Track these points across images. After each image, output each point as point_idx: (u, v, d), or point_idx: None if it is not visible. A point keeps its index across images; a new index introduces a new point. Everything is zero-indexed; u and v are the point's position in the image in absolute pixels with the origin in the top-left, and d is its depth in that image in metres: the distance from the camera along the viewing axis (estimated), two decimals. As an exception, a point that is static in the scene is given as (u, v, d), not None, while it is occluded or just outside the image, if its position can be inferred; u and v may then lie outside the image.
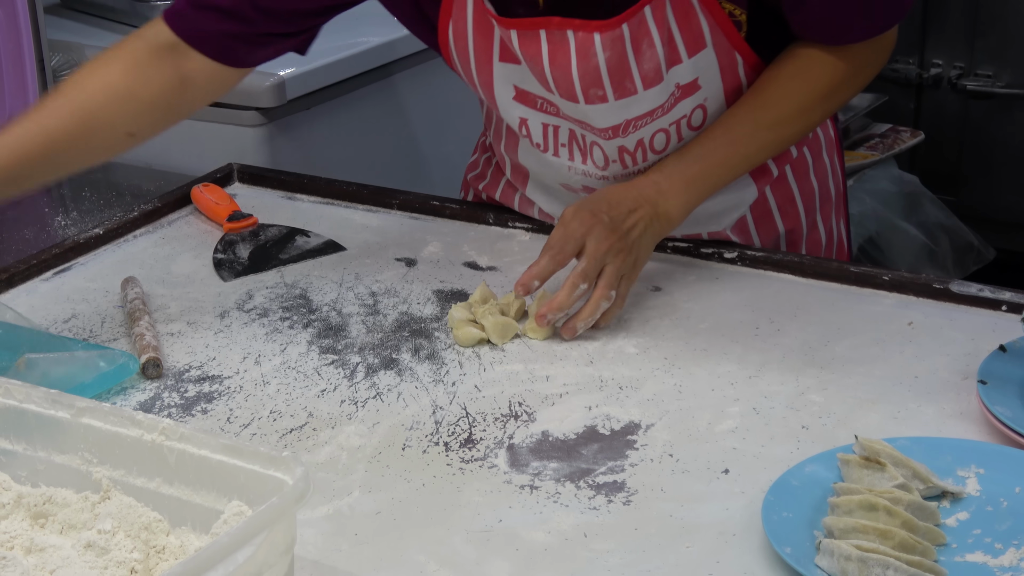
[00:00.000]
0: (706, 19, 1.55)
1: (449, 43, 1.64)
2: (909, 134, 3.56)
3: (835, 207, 1.83)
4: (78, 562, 1.05)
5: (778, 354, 1.51)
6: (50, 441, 1.16)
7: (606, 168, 1.67)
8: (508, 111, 1.67)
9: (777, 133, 1.62)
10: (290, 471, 1.05)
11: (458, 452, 1.35)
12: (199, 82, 1.68)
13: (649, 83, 1.57)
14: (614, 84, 1.56)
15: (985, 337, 1.50)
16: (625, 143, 1.63)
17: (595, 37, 1.53)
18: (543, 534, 1.23)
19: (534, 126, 1.67)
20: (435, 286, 1.69)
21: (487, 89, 1.66)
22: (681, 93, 1.60)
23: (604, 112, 1.59)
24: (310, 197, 1.97)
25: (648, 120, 1.60)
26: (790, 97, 1.60)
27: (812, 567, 1.13)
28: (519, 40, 1.56)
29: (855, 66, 1.61)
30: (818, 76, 1.60)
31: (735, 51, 1.59)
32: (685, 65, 1.57)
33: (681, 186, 1.59)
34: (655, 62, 1.55)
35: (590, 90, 1.57)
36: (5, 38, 2.16)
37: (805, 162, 1.77)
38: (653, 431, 1.38)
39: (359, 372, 1.51)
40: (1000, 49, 3.67)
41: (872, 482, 1.22)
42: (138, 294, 1.65)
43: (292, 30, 1.70)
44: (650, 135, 1.62)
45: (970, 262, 3.48)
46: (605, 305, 1.53)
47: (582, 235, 1.54)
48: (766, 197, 1.74)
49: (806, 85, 1.60)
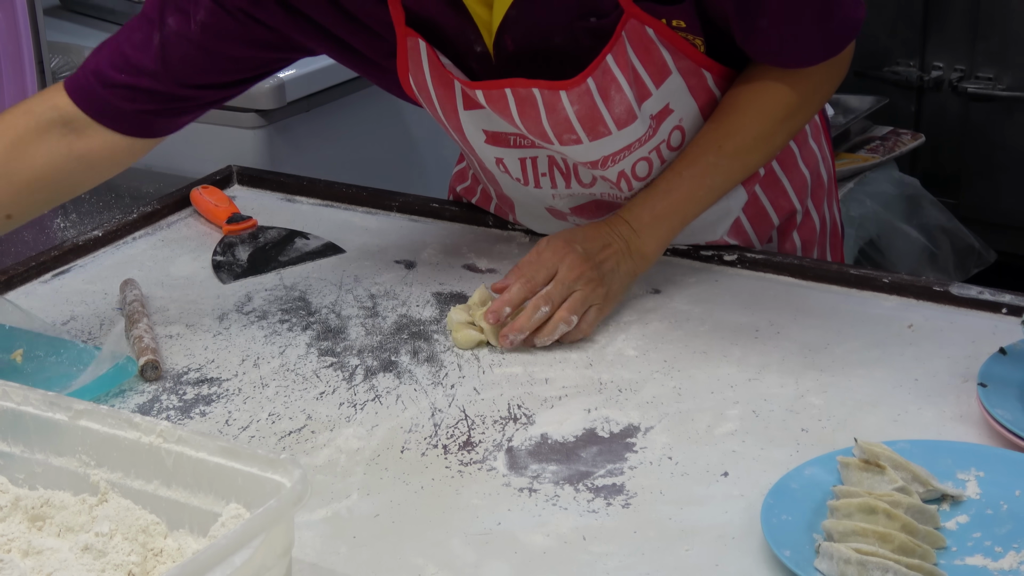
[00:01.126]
0: (666, 48, 1.53)
1: (413, 90, 1.62)
2: (910, 137, 3.55)
3: (827, 192, 1.82)
4: (75, 565, 1.05)
5: (778, 356, 1.51)
6: (48, 443, 1.16)
7: (593, 186, 1.66)
8: (483, 152, 1.65)
9: (741, 160, 1.61)
10: (288, 474, 1.05)
11: (457, 455, 1.35)
12: (101, 157, 1.61)
13: (622, 123, 1.55)
14: (587, 130, 1.55)
15: (985, 340, 1.50)
16: (607, 174, 1.62)
17: (561, 95, 1.52)
18: (542, 537, 1.23)
19: (511, 163, 1.65)
20: (434, 288, 1.69)
21: (458, 133, 1.64)
22: (656, 122, 1.58)
23: (581, 151, 1.58)
24: (309, 199, 1.97)
25: (627, 153, 1.59)
26: (750, 124, 1.59)
27: (811, 570, 1.13)
28: (485, 98, 1.55)
29: (811, 86, 1.60)
30: (775, 101, 1.59)
31: (700, 69, 1.57)
32: (654, 96, 1.56)
33: (651, 222, 1.59)
34: (626, 104, 1.54)
35: (563, 135, 1.55)
36: (5, 40, 2.16)
37: (792, 154, 1.76)
38: (652, 434, 1.38)
39: (358, 374, 1.50)
40: (1001, 52, 3.67)
41: (872, 485, 1.22)
42: (137, 296, 1.64)
43: (219, 97, 1.66)
44: (631, 165, 1.61)
45: (971, 265, 3.48)
46: (563, 328, 1.53)
47: (554, 263, 1.54)
48: (757, 196, 1.74)
49: (764, 111, 1.59)
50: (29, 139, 1.57)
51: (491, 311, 1.53)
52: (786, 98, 1.59)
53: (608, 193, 1.66)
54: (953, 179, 3.77)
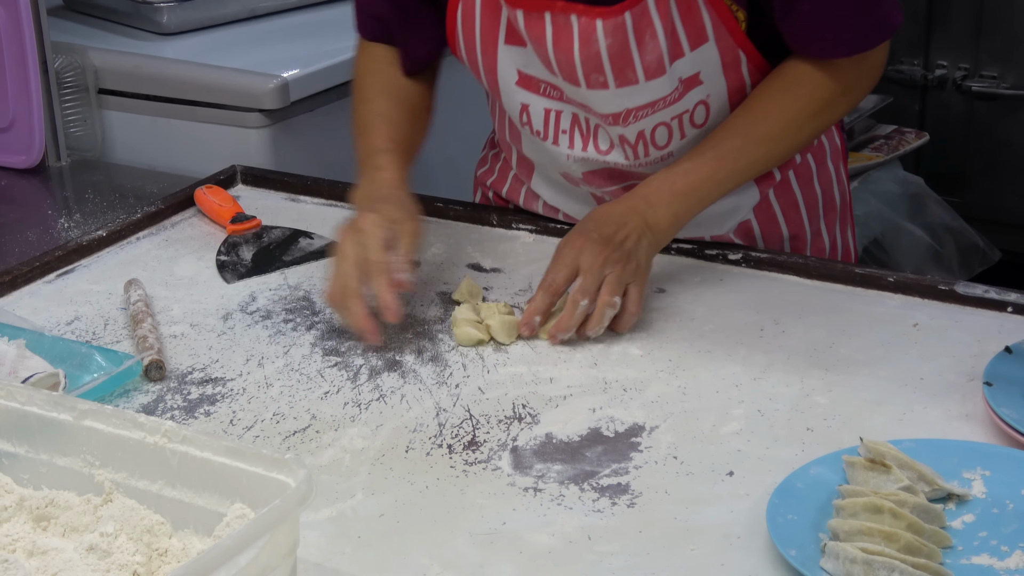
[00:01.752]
0: (708, 13, 1.55)
1: (456, 26, 1.65)
2: (914, 135, 3.55)
3: (840, 216, 1.83)
4: (80, 565, 1.05)
5: (783, 356, 1.50)
6: (52, 444, 1.16)
7: (609, 153, 1.67)
8: (510, 97, 1.67)
9: (766, 149, 1.62)
10: (293, 474, 1.05)
11: (461, 454, 1.35)
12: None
13: (651, 74, 1.57)
14: (615, 71, 1.57)
15: (991, 338, 1.50)
16: (626, 133, 1.63)
17: (597, 23, 1.54)
18: (547, 536, 1.23)
19: (535, 112, 1.67)
20: (439, 288, 1.69)
21: (491, 74, 1.66)
22: (684, 87, 1.60)
23: (606, 98, 1.60)
24: (313, 199, 1.97)
25: (649, 111, 1.61)
26: (779, 113, 1.60)
27: (817, 570, 1.12)
28: (524, 20, 1.58)
29: (843, 85, 1.61)
30: (807, 93, 1.60)
31: (738, 48, 1.59)
32: (687, 58, 1.58)
33: (669, 198, 1.59)
34: (657, 53, 1.55)
35: (591, 75, 1.58)
36: (8, 40, 2.16)
37: (809, 168, 1.77)
38: (657, 433, 1.37)
39: (362, 374, 1.50)
40: (1005, 50, 3.66)
41: (877, 484, 1.22)
42: (141, 296, 1.64)
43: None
44: (651, 127, 1.62)
45: (975, 263, 3.47)
46: (610, 312, 1.53)
47: (574, 258, 1.54)
48: (769, 201, 1.74)
49: (795, 102, 1.60)
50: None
51: (524, 324, 1.54)
52: (818, 92, 1.60)
53: (621, 164, 1.66)
54: (957, 178, 3.76)
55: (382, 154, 1.68)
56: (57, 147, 2.23)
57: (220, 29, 2.48)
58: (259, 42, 2.44)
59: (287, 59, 2.33)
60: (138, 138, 2.31)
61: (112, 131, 2.33)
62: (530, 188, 1.82)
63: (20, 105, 2.18)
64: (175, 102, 2.28)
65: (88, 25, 2.50)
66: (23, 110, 2.18)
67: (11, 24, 2.15)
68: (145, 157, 2.30)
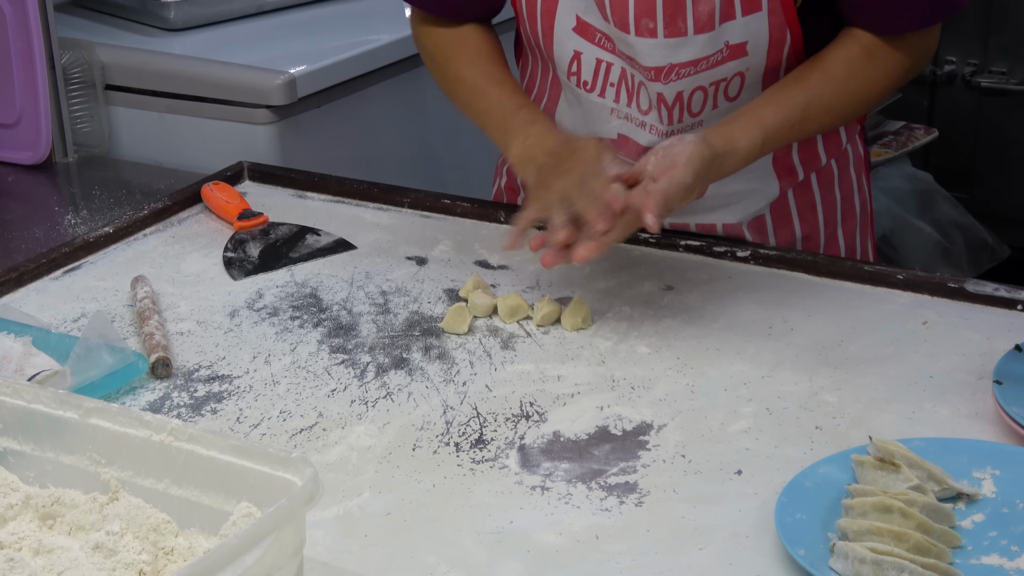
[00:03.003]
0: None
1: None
2: (923, 131, 3.54)
3: (860, 224, 1.82)
4: (86, 564, 1.05)
5: (791, 354, 1.50)
6: (58, 442, 1.15)
7: (647, 113, 1.67)
8: (563, 44, 1.67)
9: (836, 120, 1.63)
10: (300, 472, 1.04)
11: (469, 453, 1.35)
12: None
13: (700, 28, 1.58)
14: (666, 18, 1.57)
15: (1001, 336, 1.49)
16: (665, 91, 1.63)
17: None
18: (554, 535, 1.22)
19: (587, 60, 1.67)
20: (446, 285, 1.69)
21: (548, 18, 1.67)
22: (729, 53, 1.60)
23: (652, 48, 1.60)
24: (321, 195, 1.97)
25: (692, 70, 1.61)
26: (865, 82, 1.60)
27: (826, 570, 1.12)
28: None
29: (912, 61, 1.62)
30: (884, 66, 1.60)
31: (787, 27, 1.59)
32: (738, 23, 1.58)
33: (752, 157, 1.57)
34: (710, 7, 1.56)
35: (642, 20, 1.58)
36: (15, 36, 2.15)
37: (831, 172, 1.77)
38: (665, 431, 1.37)
39: (369, 372, 1.50)
40: (1014, 46, 3.65)
41: (887, 484, 1.21)
42: (148, 293, 1.64)
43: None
44: (690, 90, 1.63)
45: (984, 260, 3.46)
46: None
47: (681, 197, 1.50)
48: (787, 199, 1.74)
49: (875, 72, 1.61)
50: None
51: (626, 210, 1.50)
52: (892, 65, 1.60)
53: (656, 127, 1.66)
54: (966, 174, 3.75)
55: (523, 109, 1.66)
56: (64, 143, 2.23)
57: (227, 25, 2.47)
58: (266, 38, 2.44)
59: (294, 55, 2.32)
60: (145, 134, 2.31)
61: (119, 127, 2.33)
62: None
63: (27, 101, 2.18)
64: (182, 98, 2.28)
65: (95, 21, 2.50)
66: (30, 106, 2.18)
67: (18, 20, 2.14)
68: (152, 153, 2.29)
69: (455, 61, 1.75)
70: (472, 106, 1.72)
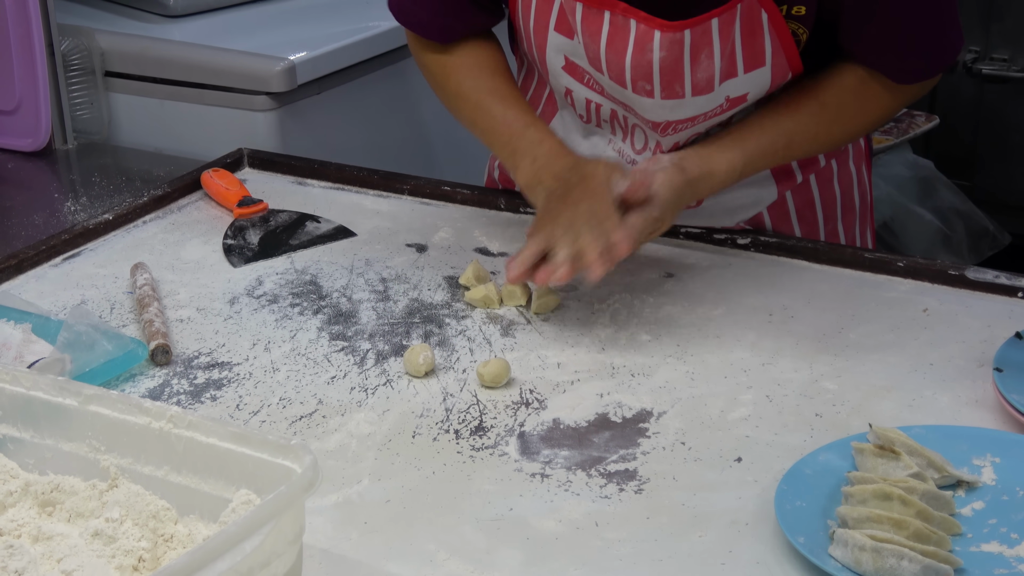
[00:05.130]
0: (771, 38, 1.53)
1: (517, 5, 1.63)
2: (924, 118, 3.54)
3: (859, 217, 1.82)
4: (85, 551, 1.05)
5: (791, 341, 1.50)
6: (58, 429, 1.15)
7: (641, 153, 1.66)
8: (556, 78, 1.66)
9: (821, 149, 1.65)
10: (299, 459, 1.04)
11: (468, 440, 1.35)
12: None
13: (698, 91, 1.55)
14: (663, 84, 1.55)
15: (1001, 324, 1.49)
16: (663, 142, 1.62)
17: (655, 34, 1.52)
18: (554, 523, 1.22)
19: (578, 98, 1.66)
20: (446, 272, 1.69)
21: (540, 52, 1.65)
22: (728, 105, 1.58)
23: (649, 106, 1.58)
24: (320, 182, 1.97)
25: (690, 125, 1.60)
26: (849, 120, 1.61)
27: (826, 557, 1.12)
28: (583, 14, 1.55)
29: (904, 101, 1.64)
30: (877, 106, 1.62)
31: (790, 71, 1.57)
32: (739, 80, 1.56)
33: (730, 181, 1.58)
34: (709, 73, 1.54)
35: (639, 82, 1.56)
36: (15, 22, 2.15)
37: (830, 170, 1.76)
38: (665, 419, 1.37)
39: (369, 359, 1.50)
40: (1016, 33, 3.65)
41: (886, 471, 1.21)
42: (147, 280, 1.64)
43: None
44: (686, 137, 1.62)
45: (985, 247, 3.46)
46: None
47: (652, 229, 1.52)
48: (785, 200, 1.73)
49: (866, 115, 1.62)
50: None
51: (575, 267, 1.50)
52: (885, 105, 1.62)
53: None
54: (967, 161, 3.75)
55: (531, 128, 1.63)
56: (63, 130, 2.22)
57: (227, 11, 2.47)
58: (266, 25, 2.43)
59: (294, 42, 2.32)
60: (145, 121, 2.31)
61: (119, 114, 2.32)
62: None
63: (26, 88, 2.18)
64: (182, 85, 2.27)
65: (95, 7, 2.49)
66: (29, 93, 2.18)
67: (17, 6, 2.14)
68: (152, 140, 2.29)
69: (455, 76, 1.73)
70: (476, 124, 1.69)
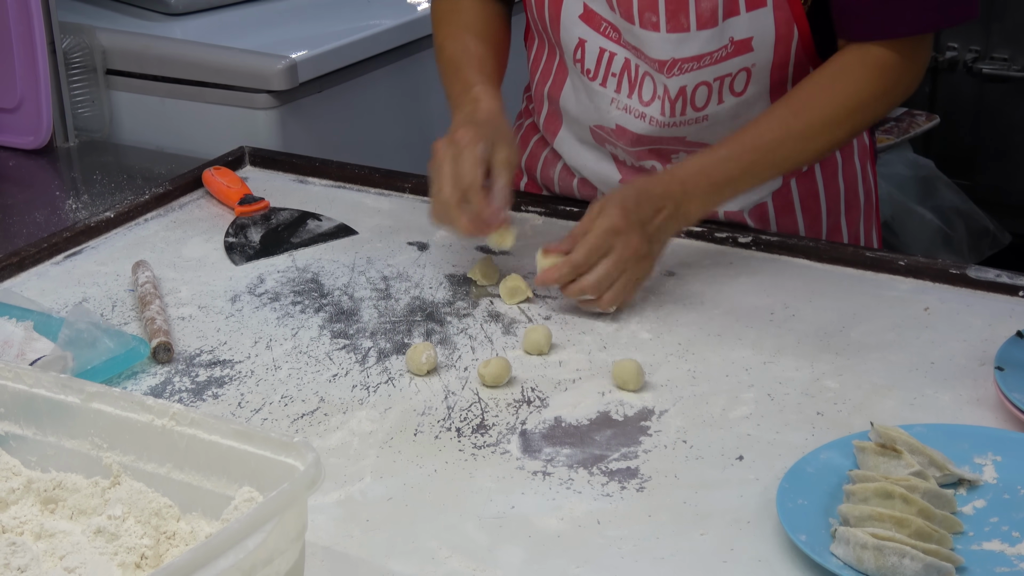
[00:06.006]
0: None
1: None
2: (924, 118, 3.54)
3: (864, 214, 1.82)
4: (88, 548, 1.05)
5: (793, 340, 1.50)
6: (60, 426, 1.15)
7: (649, 105, 1.66)
8: (569, 30, 1.68)
9: (804, 144, 1.61)
10: (301, 457, 1.04)
11: (470, 438, 1.35)
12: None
13: (703, 23, 1.57)
14: (668, 13, 1.58)
15: (1002, 323, 1.49)
16: (669, 84, 1.63)
17: None
18: (556, 520, 1.22)
19: (591, 49, 1.67)
20: (447, 270, 1.69)
21: (556, 5, 1.67)
22: (734, 49, 1.60)
23: (656, 42, 1.60)
24: (322, 180, 1.97)
25: (695, 65, 1.61)
26: (821, 107, 1.59)
27: (827, 555, 1.12)
28: None
29: (886, 84, 1.60)
30: (850, 88, 1.59)
31: (794, 22, 1.59)
32: (742, 18, 1.58)
33: (706, 188, 1.58)
34: (713, 3, 1.56)
35: (646, 13, 1.59)
36: (16, 20, 2.15)
37: (835, 162, 1.76)
38: (667, 417, 1.37)
39: (371, 357, 1.50)
40: (1016, 32, 3.65)
41: (888, 469, 1.21)
42: (149, 278, 1.64)
43: None
44: (693, 85, 1.63)
45: (985, 247, 3.46)
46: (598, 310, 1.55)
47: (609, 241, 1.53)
48: (790, 189, 1.74)
49: (837, 96, 1.59)
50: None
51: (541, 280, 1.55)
52: (860, 86, 1.59)
53: (656, 119, 1.66)
54: (968, 160, 3.75)
55: (477, 87, 1.68)
56: (65, 128, 2.22)
57: (228, 9, 2.47)
58: (267, 23, 2.43)
59: (296, 40, 2.32)
60: (146, 119, 2.31)
61: (120, 112, 2.32)
62: (553, 149, 1.83)
63: (28, 86, 2.18)
64: (183, 83, 2.27)
65: (96, 5, 2.49)
66: (31, 91, 2.18)
67: (19, 4, 2.14)
68: (153, 138, 2.29)
69: (442, 30, 1.80)
70: (445, 77, 1.76)
